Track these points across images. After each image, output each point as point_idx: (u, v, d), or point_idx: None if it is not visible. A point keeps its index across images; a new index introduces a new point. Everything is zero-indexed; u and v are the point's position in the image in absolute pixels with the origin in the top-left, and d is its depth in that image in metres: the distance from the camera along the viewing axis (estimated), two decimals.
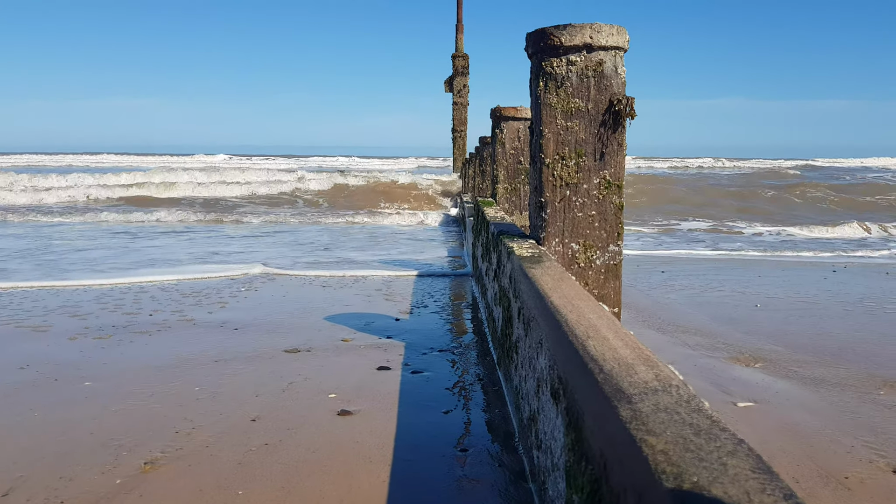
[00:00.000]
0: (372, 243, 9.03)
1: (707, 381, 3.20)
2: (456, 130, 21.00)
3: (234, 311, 4.61)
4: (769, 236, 10.66)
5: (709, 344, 3.88)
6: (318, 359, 3.48)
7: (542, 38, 2.58)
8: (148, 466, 2.23)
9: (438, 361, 3.46)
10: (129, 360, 3.46)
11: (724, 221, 13.13)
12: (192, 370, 3.28)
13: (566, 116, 2.60)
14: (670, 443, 0.85)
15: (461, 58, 20.49)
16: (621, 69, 2.58)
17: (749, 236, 10.73)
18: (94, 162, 58.22)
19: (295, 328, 4.13)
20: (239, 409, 2.75)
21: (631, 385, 1.06)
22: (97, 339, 3.85)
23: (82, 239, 9.11)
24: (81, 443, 2.43)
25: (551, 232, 2.66)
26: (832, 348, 3.80)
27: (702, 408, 0.97)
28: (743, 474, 0.77)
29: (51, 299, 4.99)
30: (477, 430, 2.57)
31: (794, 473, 2.23)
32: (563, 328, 1.46)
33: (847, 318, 4.64)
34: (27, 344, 3.77)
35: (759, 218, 13.90)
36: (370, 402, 2.84)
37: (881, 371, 3.37)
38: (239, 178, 20.63)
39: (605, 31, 2.51)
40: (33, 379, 3.15)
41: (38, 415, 2.71)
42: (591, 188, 2.63)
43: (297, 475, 2.17)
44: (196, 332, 4.04)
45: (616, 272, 2.71)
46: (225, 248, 8.26)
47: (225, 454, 2.33)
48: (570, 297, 1.76)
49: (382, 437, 2.48)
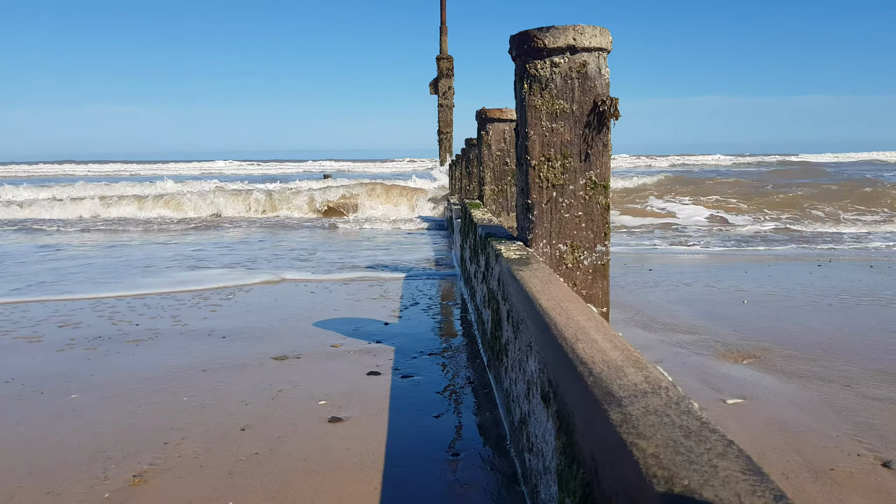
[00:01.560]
0: (356, 247, 9.01)
1: (696, 378, 3.21)
2: (442, 132, 21.01)
3: (221, 319, 4.58)
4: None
5: (697, 341, 3.90)
6: (307, 365, 3.47)
7: (526, 41, 2.58)
8: (137, 479, 2.21)
9: (428, 365, 3.45)
10: (115, 370, 3.43)
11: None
12: (180, 380, 3.25)
13: (551, 118, 2.60)
14: (661, 446, 0.85)
15: (446, 60, 20.51)
16: (605, 70, 2.59)
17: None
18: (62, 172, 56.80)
19: (283, 334, 4.11)
20: (228, 419, 2.73)
21: (621, 388, 1.06)
22: (86, 350, 3.81)
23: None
24: (69, 457, 2.40)
25: (539, 233, 2.66)
26: (820, 343, 3.83)
27: (691, 409, 0.97)
28: (733, 476, 0.77)
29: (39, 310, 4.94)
30: (468, 433, 2.56)
31: (783, 469, 2.24)
32: (551, 331, 1.46)
33: (834, 312, 4.67)
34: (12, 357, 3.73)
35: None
36: (360, 408, 2.83)
37: (870, 365, 3.40)
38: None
39: (588, 33, 2.52)
40: (19, 392, 3.11)
41: (24, 429, 2.68)
42: (578, 189, 2.63)
43: (289, 484, 2.16)
44: (183, 341, 4.01)
45: (604, 272, 2.71)
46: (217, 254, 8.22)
47: (214, 465, 2.31)
48: (559, 299, 1.76)
49: (373, 443, 2.47)
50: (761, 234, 10.38)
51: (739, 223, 12.10)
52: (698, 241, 9.41)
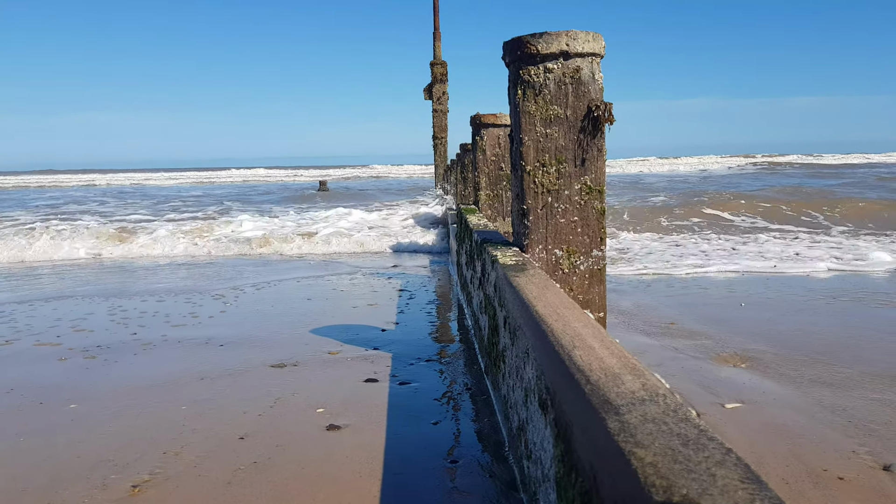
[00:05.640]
0: (354, 259, 9.00)
1: (694, 382, 3.21)
2: (437, 138, 21.04)
3: (218, 328, 4.57)
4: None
5: (695, 345, 3.90)
6: (305, 373, 3.46)
7: (519, 47, 2.58)
8: (136, 489, 2.20)
9: (426, 372, 3.45)
10: (114, 380, 3.42)
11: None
12: (178, 389, 3.24)
13: (545, 123, 2.61)
14: (659, 455, 0.85)
15: (440, 65, 20.55)
16: (598, 75, 2.59)
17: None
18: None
19: (281, 342, 4.10)
20: (226, 428, 2.72)
21: (618, 395, 1.06)
22: (86, 360, 3.80)
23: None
24: (69, 467, 2.39)
25: (534, 239, 2.66)
26: (818, 346, 3.83)
27: (689, 417, 0.97)
28: (732, 485, 0.77)
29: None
30: (466, 440, 2.56)
31: (783, 474, 2.24)
32: (548, 338, 1.45)
33: (832, 316, 4.68)
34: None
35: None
36: (358, 416, 2.82)
37: (869, 368, 3.40)
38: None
39: (582, 39, 2.53)
40: (18, 403, 3.10)
41: (24, 440, 2.67)
42: (573, 194, 2.64)
43: (287, 493, 2.15)
44: (181, 350, 4.00)
45: (600, 277, 2.71)
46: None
47: (213, 474, 2.30)
48: (556, 305, 1.76)
49: (372, 450, 2.46)
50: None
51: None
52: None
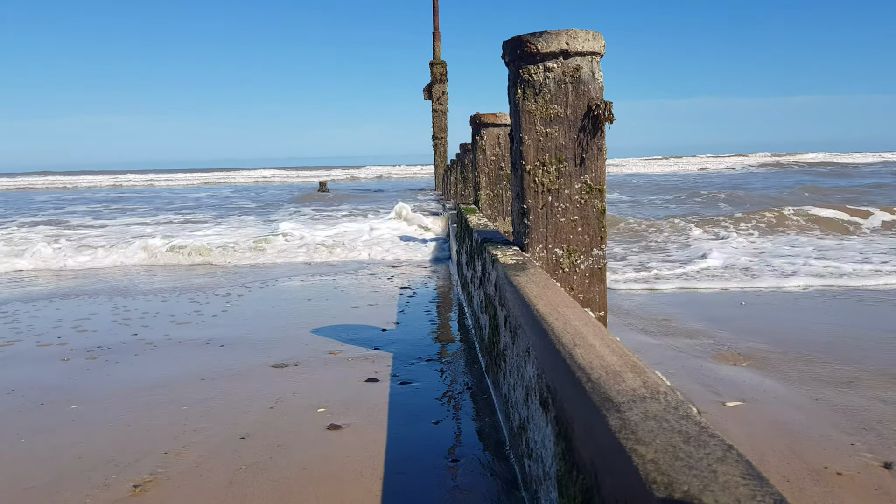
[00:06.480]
0: (353, 259, 9.00)
1: (695, 381, 3.21)
2: (437, 138, 21.04)
3: (219, 328, 4.57)
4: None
5: (696, 344, 3.90)
6: (305, 373, 3.46)
7: (519, 46, 2.59)
8: (137, 489, 2.20)
9: (426, 371, 3.45)
10: (115, 380, 3.42)
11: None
12: (179, 389, 3.24)
13: (545, 123, 2.61)
14: (660, 451, 0.86)
15: (439, 65, 20.55)
16: (598, 74, 2.59)
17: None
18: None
19: (282, 342, 4.10)
20: (228, 428, 2.72)
21: (619, 393, 1.06)
22: (88, 360, 3.80)
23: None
24: (70, 467, 2.39)
25: (535, 238, 2.67)
26: (819, 344, 3.83)
27: (690, 414, 0.97)
28: (733, 481, 0.77)
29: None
30: (468, 439, 2.56)
31: (784, 472, 2.24)
32: (549, 336, 1.46)
33: (832, 313, 4.68)
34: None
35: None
36: (359, 416, 2.82)
37: (869, 366, 3.40)
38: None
39: (581, 38, 2.53)
40: (19, 404, 3.11)
41: (25, 441, 2.67)
42: (573, 193, 2.64)
43: (289, 493, 2.16)
44: (181, 350, 4.00)
45: (601, 276, 2.72)
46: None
47: (215, 474, 2.30)
48: (556, 304, 1.76)
49: (373, 450, 2.46)
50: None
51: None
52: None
